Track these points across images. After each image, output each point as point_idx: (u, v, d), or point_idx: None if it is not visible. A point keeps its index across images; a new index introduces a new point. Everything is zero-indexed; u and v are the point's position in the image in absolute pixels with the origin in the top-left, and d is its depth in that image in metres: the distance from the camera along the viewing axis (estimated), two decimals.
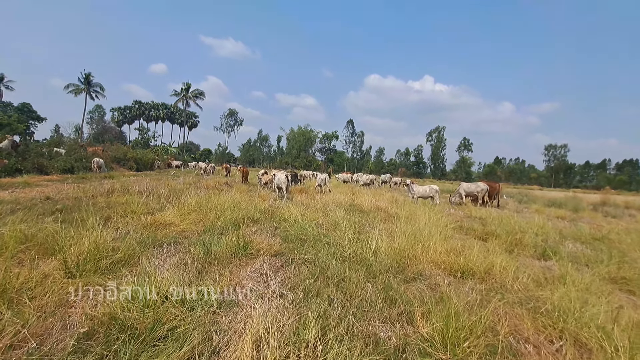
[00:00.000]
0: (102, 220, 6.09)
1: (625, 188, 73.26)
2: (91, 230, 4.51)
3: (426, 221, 8.09)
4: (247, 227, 6.86)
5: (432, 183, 46.38)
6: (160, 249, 4.85)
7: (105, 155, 24.59)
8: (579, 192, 50.95)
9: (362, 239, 5.67)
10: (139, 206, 7.30)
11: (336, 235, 6.27)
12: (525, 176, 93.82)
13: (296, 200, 11.81)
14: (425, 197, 13.39)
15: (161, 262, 4.33)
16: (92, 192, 9.62)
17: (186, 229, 6.22)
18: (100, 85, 60.69)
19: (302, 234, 6.23)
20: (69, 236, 4.16)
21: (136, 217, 6.56)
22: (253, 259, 4.63)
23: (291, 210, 8.33)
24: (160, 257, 4.48)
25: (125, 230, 5.60)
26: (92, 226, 4.74)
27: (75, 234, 4.32)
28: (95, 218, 5.43)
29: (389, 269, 4.41)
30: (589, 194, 46.39)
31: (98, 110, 77.52)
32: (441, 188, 32.88)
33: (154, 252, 4.70)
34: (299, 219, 7.15)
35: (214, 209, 7.43)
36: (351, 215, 8.83)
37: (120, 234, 5.18)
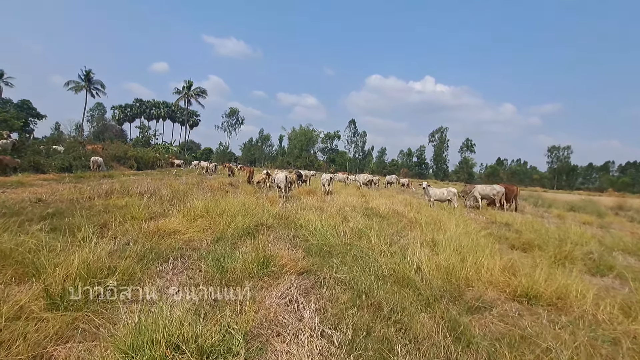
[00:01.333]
0: (98, 228, 5.36)
1: (628, 190, 72.37)
2: (83, 243, 3.76)
3: (455, 229, 7.36)
4: (261, 235, 6.10)
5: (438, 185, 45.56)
6: (165, 264, 4.09)
7: (105, 154, 23.83)
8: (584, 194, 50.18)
9: (396, 252, 4.93)
10: (140, 210, 6.54)
11: (363, 245, 5.52)
12: (528, 177, 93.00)
13: (306, 202, 11.05)
14: (443, 200, 12.63)
15: (167, 282, 3.58)
16: (89, 193, 8.87)
17: (193, 238, 5.46)
18: (101, 82, 59.86)
19: (325, 244, 5.47)
20: (54, 252, 3.40)
21: (137, 223, 5.81)
22: (277, 278, 3.87)
23: (307, 216, 7.58)
24: (165, 276, 3.73)
25: (124, 240, 4.84)
26: (85, 237, 4.00)
27: (63, 248, 3.57)
28: (89, 226, 4.69)
29: (443, 293, 3.65)
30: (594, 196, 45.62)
31: (98, 108, 76.59)
32: None
33: (158, 268, 3.95)
34: (317, 225, 6.40)
35: (224, 214, 6.67)
36: (370, 220, 8.09)
37: (118, 246, 4.42)
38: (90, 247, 3.54)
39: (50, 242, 4.06)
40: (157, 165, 31.12)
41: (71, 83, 57.53)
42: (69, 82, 57.53)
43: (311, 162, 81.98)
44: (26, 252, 3.48)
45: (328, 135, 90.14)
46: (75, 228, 4.94)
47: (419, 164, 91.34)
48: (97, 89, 59.62)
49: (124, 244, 4.72)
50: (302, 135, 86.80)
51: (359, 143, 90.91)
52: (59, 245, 3.73)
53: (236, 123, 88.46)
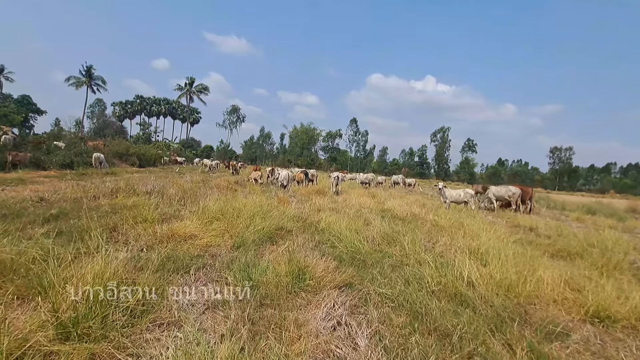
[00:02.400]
0: (108, 232, 4.89)
1: (630, 192, 72.05)
2: (95, 251, 3.30)
3: (485, 234, 6.91)
4: (283, 240, 5.64)
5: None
6: (186, 275, 3.62)
7: (106, 150, 23.32)
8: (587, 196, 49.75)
9: (441, 262, 4.46)
10: (150, 211, 6.07)
11: (396, 253, 5.06)
12: (530, 178, 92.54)
13: (319, 203, 10.59)
14: (459, 202, 12.17)
15: (193, 299, 3.12)
16: (93, 191, 8.39)
17: (211, 243, 4.99)
18: (101, 78, 59.27)
19: (356, 251, 5.01)
20: (63, 264, 2.93)
21: (149, 226, 5.33)
22: (315, 293, 3.41)
23: (326, 219, 7.12)
24: (189, 293, 3.26)
25: (137, 246, 4.37)
26: (97, 246, 3.53)
27: (71, 257, 3.10)
28: (98, 230, 4.22)
29: (509, 314, 3.19)
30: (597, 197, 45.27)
31: (99, 104, 75.75)
32: None
33: (179, 280, 3.48)
34: (343, 229, 5.94)
35: (240, 217, 6.21)
36: (390, 223, 7.64)
37: (132, 254, 3.95)
38: (103, 256, 3.08)
39: (57, 249, 3.59)
40: (159, 162, 30.62)
41: (72, 79, 56.95)
42: (69, 77, 56.98)
43: (312, 160, 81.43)
44: (30, 264, 3.01)
45: (330, 134, 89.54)
46: (84, 232, 4.48)
47: (420, 163, 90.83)
48: (98, 85, 59.09)
49: (138, 250, 4.26)
50: (304, 133, 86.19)
51: (360, 142, 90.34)
52: (68, 254, 3.27)
53: (237, 121, 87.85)
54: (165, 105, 76.86)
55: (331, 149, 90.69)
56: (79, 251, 3.73)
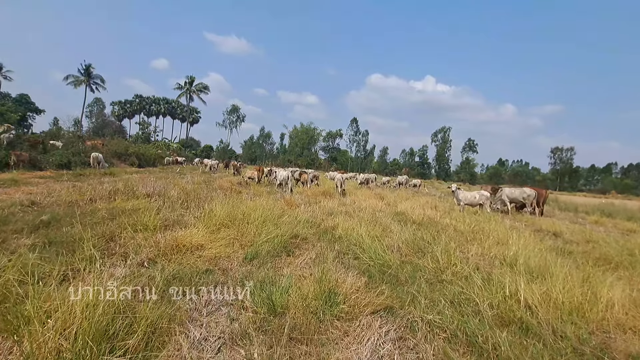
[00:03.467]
0: (104, 242, 4.33)
1: (631, 192, 71.70)
2: (88, 267, 2.75)
3: (516, 242, 6.37)
4: (299, 250, 5.09)
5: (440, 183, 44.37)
6: (195, 298, 3.07)
7: (105, 150, 22.74)
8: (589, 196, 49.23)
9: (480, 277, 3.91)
10: (151, 217, 5.51)
11: (430, 265, 4.51)
12: (530, 179, 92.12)
13: (328, 206, 10.04)
14: (474, 204, 11.63)
15: (203, 330, 2.57)
16: (90, 194, 7.82)
17: (220, 254, 4.44)
18: (100, 77, 58.46)
19: (383, 263, 4.47)
20: (47, 289, 2.38)
21: (150, 235, 4.78)
22: (350, 320, 2.86)
23: (342, 224, 6.58)
24: (199, 319, 2.72)
25: (137, 259, 3.81)
26: (89, 257, 2.98)
27: (59, 279, 2.55)
28: (93, 241, 3.67)
29: (588, 347, 2.64)
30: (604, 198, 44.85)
31: (97, 103, 75.00)
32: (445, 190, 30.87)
33: (188, 305, 2.93)
34: (364, 237, 5.39)
35: (250, 222, 5.66)
36: (409, 228, 7.11)
37: (131, 269, 3.40)
38: (96, 276, 2.53)
39: (43, 266, 3.04)
40: (159, 162, 30.00)
41: (70, 77, 56.15)
42: (68, 76, 56.16)
43: (313, 160, 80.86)
44: (8, 288, 2.46)
45: (330, 133, 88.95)
46: (77, 243, 3.93)
47: (421, 163, 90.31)
48: (96, 84, 58.33)
49: (138, 265, 3.70)
50: (304, 133, 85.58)
51: (360, 142, 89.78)
52: (56, 274, 2.72)
53: (237, 120, 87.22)
54: (165, 104, 76.17)
55: (331, 149, 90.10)
56: (71, 267, 3.19)
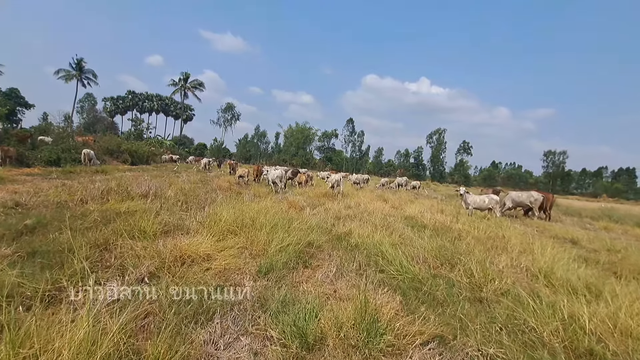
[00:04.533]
0: (97, 252, 3.80)
1: (622, 196, 72.59)
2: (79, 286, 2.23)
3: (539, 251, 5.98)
4: (315, 260, 4.61)
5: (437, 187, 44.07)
6: (209, 325, 2.57)
7: (97, 147, 21.95)
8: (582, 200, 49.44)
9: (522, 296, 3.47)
10: (149, 222, 4.98)
11: (464, 280, 4.06)
12: (523, 181, 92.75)
13: (334, 209, 9.57)
14: (483, 209, 11.24)
15: None
16: (81, 194, 7.23)
17: (230, 266, 3.92)
18: (92, 72, 57.06)
19: (413, 278, 4.00)
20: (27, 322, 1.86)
21: (149, 242, 4.26)
22: (399, 355, 2.38)
23: (357, 231, 6.11)
24: (216, 356, 2.22)
25: (136, 274, 3.29)
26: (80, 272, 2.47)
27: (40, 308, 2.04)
28: (85, 250, 3.16)
29: None
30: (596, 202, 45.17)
31: (89, 99, 73.27)
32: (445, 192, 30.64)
33: (202, 337, 2.42)
34: (385, 245, 4.93)
35: (259, 229, 5.15)
36: (423, 234, 6.69)
37: (131, 287, 2.88)
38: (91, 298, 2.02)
39: (24, 285, 2.52)
40: (152, 160, 29.19)
41: (61, 71, 54.69)
42: (59, 70, 54.69)
43: (308, 160, 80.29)
44: None
45: (325, 133, 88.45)
46: (65, 253, 3.40)
47: (416, 165, 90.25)
48: (88, 79, 56.97)
49: (138, 280, 3.18)
50: (299, 132, 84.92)
51: (356, 142, 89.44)
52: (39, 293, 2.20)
53: (232, 119, 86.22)
54: (158, 101, 74.89)
55: (326, 149, 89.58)
56: (58, 285, 2.67)
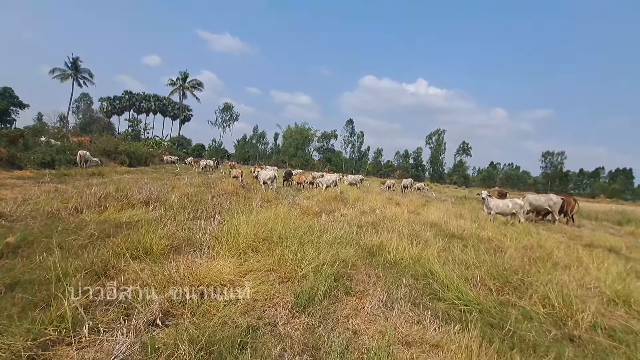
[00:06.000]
0: (94, 279, 3.06)
1: (619, 197, 72.55)
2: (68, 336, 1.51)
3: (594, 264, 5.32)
4: (355, 284, 3.89)
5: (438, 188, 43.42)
6: None
7: (93, 147, 21.12)
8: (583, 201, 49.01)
9: None
10: (155, 236, 4.24)
11: (541, 311, 3.36)
12: (522, 182, 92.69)
13: (351, 215, 8.87)
14: (506, 214, 10.56)
15: None
16: (75, 201, 6.46)
17: (259, 296, 3.19)
18: (88, 71, 55.91)
19: (481, 308, 3.30)
20: None
21: (156, 262, 3.53)
22: None
23: (390, 243, 5.40)
24: None
25: (147, 313, 2.56)
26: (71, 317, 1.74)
27: None
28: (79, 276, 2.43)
29: None
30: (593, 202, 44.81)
31: (85, 98, 72.05)
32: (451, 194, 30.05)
33: None
34: (432, 262, 4.22)
35: (283, 242, 4.43)
36: (450, 242, 6.02)
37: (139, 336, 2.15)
38: None
39: None
40: (150, 161, 28.33)
41: (57, 70, 53.52)
42: (54, 69, 53.52)
43: (307, 161, 79.59)
44: None
45: (324, 134, 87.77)
46: (53, 282, 2.67)
47: (415, 165, 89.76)
48: (84, 78, 55.83)
49: (148, 324, 2.45)
50: (298, 133, 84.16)
51: (355, 143, 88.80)
52: None
53: (230, 119, 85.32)
54: (156, 101, 73.90)
55: (325, 150, 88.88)
56: (41, 340, 1.95)
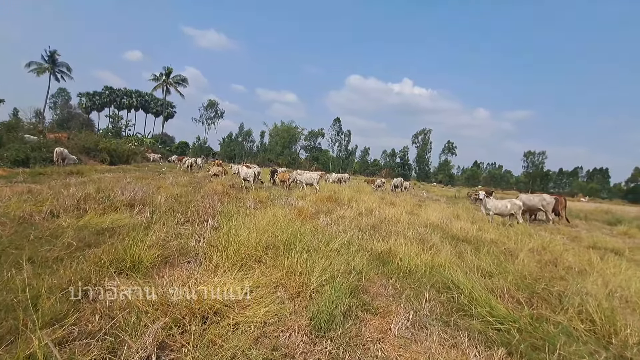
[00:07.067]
0: (69, 304, 2.55)
1: (597, 195, 75.07)
2: None
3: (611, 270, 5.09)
4: (373, 298, 3.48)
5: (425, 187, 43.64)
6: None
7: (71, 144, 20.05)
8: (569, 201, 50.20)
9: None
10: (143, 244, 3.72)
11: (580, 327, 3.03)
12: (505, 181, 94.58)
13: (349, 217, 8.47)
14: (505, 214, 10.37)
15: None
16: (50, 203, 5.83)
17: (269, 318, 2.74)
18: (66, 65, 53.57)
19: (520, 327, 2.94)
20: None
21: (146, 278, 3.03)
22: None
23: (401, 249, 5.01)
24: None
25: (138, 350, 2.07)
26: None
27: None
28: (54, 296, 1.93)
29: None
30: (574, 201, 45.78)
31: (62, 94, 69.19)
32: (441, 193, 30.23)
33: None
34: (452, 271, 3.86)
35: (289, 249, 3.98)
36: (457, 246, 5.73)
37: None
38: None
39: None
40: (132, 159, 27.20)
41: (33, 64, 51.15)
42: (30, 62, 51.12)
43: (294, 160, 78.89)
44: None
45: (312, 132, 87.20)
46: (20, 309, 2.15)
47: (402, 164, 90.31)
48: (62, 72, 53.50)
49: None
50: (285, 131, 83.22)
51: (342, 142, 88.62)
52: None
53: (215, 116, 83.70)
54: (137, 97, 71.63)
55: (312, 148, 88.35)
56: None
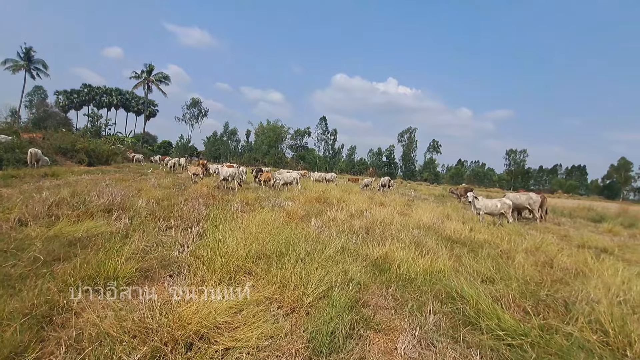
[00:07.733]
0: (35, 330, 2.20)
1: (575, 192, 77.49)
2: None
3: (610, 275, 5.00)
4: (373, 312, 3.24)
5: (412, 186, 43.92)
6: None
7: (46, 145, 19.14)
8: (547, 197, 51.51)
9: None
10: (120, 256, 3.37)
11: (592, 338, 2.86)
12: (488, 179, 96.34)
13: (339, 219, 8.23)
14: (495, 214, 10.33)
15: None
16: (19, 210, 5.36)
17: (263, 342, 2.45)
18: (43, 62, 51.50)
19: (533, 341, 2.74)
20: None
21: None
22: None
23: (397, 255, 4.80)
24: None
25: None
26: None
27: None
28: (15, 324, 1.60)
29: None
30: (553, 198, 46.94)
31: (38, 92, 66.63)
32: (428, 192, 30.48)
33: None
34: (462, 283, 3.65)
35: (280, 260, 3.70)
36: (451, 247, 5.56)
37: None
38: None
39: None
40: (112, 160, 26.25)
41: (8, 61, 48.95)
42: (6, 60, 48.95)
43: (280, 159, 78.27)
44: None
45: (298, 131, 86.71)
46: None
47: (388, 163, 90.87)
48: (38, 69, 51.41)
49: None
50: (271, 130, 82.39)
51: (329, 141, 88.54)
52: None
53: (199, 115, 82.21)
54: (118, 95, 69.49)
55: (299, 148, 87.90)
56: None
